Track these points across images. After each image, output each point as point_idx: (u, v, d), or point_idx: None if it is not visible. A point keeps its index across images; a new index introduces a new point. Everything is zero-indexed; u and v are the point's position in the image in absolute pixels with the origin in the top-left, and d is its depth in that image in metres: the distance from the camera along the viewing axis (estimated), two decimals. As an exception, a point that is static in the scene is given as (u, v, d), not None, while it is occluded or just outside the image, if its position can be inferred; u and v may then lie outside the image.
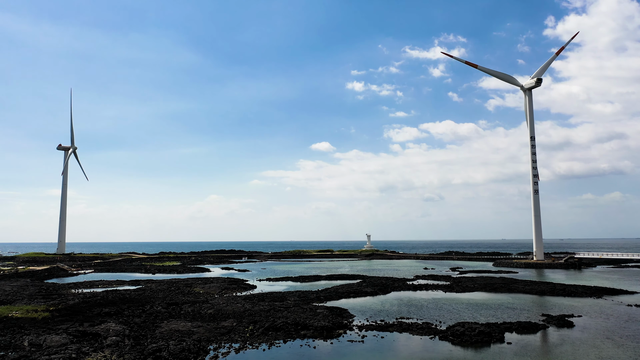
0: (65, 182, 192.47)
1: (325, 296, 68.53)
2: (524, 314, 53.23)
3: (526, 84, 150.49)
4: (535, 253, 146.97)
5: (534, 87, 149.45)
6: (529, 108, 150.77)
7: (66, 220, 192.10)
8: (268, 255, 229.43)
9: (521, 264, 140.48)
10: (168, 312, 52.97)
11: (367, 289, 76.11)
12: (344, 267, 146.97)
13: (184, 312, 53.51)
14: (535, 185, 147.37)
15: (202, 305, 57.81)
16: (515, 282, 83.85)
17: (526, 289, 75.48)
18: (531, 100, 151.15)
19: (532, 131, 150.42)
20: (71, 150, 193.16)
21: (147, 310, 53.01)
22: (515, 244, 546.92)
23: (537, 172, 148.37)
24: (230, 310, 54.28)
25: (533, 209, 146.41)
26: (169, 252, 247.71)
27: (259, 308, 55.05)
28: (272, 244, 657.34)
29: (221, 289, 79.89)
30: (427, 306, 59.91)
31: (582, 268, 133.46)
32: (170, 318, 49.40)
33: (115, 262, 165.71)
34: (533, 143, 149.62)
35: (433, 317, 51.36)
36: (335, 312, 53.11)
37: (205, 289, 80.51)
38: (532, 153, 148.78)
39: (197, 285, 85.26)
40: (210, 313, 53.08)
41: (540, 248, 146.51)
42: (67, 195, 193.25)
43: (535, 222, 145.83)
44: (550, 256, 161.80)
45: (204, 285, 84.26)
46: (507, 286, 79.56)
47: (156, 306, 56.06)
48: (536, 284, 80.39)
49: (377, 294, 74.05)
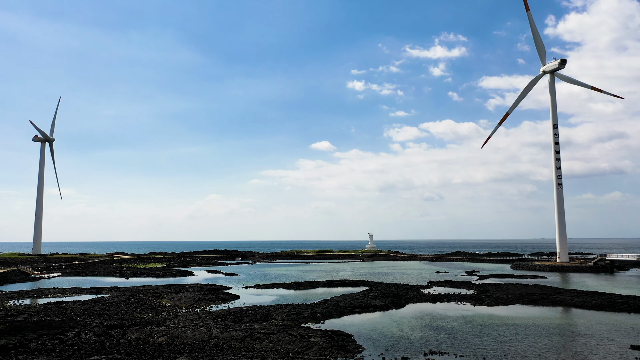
0: (42, 176, 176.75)
1: (323, 312, 52.99)
2: (608, 345, 37.63)
3: (548, 67, 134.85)
4: (559, 254, 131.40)
5: (557, 69, 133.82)
6: (552, 94, 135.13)
7: (42, 218, 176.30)
8: (263, 255, 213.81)
9: (544, 267, 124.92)
10: (100, 342, 37.34)
11: (376, 301, 60.60)
12: (345, 270, 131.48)
13: (123, 341, 37.92)
14: (558, 179, 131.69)
15: (155, 328, 42.29)
16: (558, 292, 68.17)
17: (577, 302, 59.92)
18: (554, 86, 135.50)
19: (554, 119, 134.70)
20: (47, 141, 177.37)
21: (68, 340, 37.36)
22: (518, 244, 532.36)
23: (560, 165, 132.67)
24: (189, 338, 38.76)
25: (556, 206, 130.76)
26: (159, 253, 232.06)
27: (230, 334, 39.49)
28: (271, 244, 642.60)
29: (194, 300, 64.29)
30: (460, 329, 44.36)
31: (614, 271, 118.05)
32: (96, 354, 33.83)
33: (93, 264, 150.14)
34: (556, 132, 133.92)
35: (477, 351, 35.84)
36: (336, 342, 37.60)
37: (174, 301, 64.93)
38: (555, 143, 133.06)
39: (167, 295, 69.75)
40: (161, 343, 37.57)
41: (564, 249, 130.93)
42: (44, 192, 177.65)
43: (559, 220, 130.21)
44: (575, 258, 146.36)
45: (175, 295, 68.72)
46: (549, 297, 64.03)
47: (87, 331, 40.42)
48: (585, 295, 64.80)
49: (388, 307, 58.55)
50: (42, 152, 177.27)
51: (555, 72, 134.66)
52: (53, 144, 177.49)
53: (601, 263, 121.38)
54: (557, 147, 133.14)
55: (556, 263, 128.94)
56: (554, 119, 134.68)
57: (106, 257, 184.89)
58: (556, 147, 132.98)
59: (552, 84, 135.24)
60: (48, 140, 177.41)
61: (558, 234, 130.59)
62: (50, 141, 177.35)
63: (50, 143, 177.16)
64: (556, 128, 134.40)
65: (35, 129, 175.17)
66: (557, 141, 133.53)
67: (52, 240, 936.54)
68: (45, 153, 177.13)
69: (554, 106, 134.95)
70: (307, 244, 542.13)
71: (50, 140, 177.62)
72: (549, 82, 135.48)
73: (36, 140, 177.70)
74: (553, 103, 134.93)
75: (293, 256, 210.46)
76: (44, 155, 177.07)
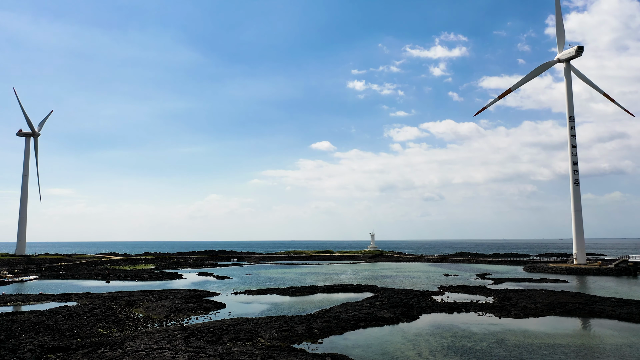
0: (27, 174, 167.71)
1: (321, 328, 43.95)
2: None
3: (564, 54, 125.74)
4: (575, 256, 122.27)
5: (573, 57, 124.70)
6: (567, 83, 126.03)
7: (27, 218, 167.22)
8: (260, 256, 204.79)
9: (561, 270, 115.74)
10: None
11: (384, 313, 51.55)
12: (346, 273, 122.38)
13: (58, 372, 28.92)
14: (575, 174, 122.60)
15: (107, 353, 33.24)
16: (594, 301, 58.94)
17: (621, 314, 50.78)
18: (569, 74, 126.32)
19: (571, 110, 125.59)
20: (33, 136, 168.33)
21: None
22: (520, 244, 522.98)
23: (576, 160, 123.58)
24: (146, 367, 29.75)
25: (573, 204, 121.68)
26: (153, 253, 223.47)
27: (200, 363, 30.48)
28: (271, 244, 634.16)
29: (171, 310, 55.20)
30: (492, 353, 35.29)
31: (637, 274, 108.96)
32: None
33: (78, 265, 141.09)
34: (572, 124, 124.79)
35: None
36: (338, 375, 28.59)
37: (148, 311, 55.86)
38: (572, 136, 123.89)
39: (142, 303, 60.71)
40: (107, 375, 28.56)
41: (582, 250, 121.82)
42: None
43: (576, 219, 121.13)
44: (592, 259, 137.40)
45: (152, 304, 59.67)
46: (585, 307, 54.88)
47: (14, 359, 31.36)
48: (628, 305, 55.63)
49: (399, 320, 49.49)
50: (27, 147, 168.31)
51: (571, 60, 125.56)
52: (38, 139, 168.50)
53: (623, 265, 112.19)
54: (574, 141, 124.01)
55: (573, 265, 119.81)
56: (570, 110, 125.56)
57: (95, 258, 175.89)
58: (572, 140, 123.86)
59: (567, 73, 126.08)
60: (34, 135, 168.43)
61: (575, 234, 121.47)
62: (36, 136, 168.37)
63: (36, 138, 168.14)
64: (572, 120, 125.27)
65: (22, 135, 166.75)
66: (574, 134, 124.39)
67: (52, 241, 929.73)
68: (30, 149, 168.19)
69: (569, 96, 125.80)
70: (307, 244, 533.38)
71: (36, 135, 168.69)
72: (564, 70, 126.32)
73: (20, 135, 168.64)
74: (569, 93, 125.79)
75: (291, 257, 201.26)
76: (28, 151, 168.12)
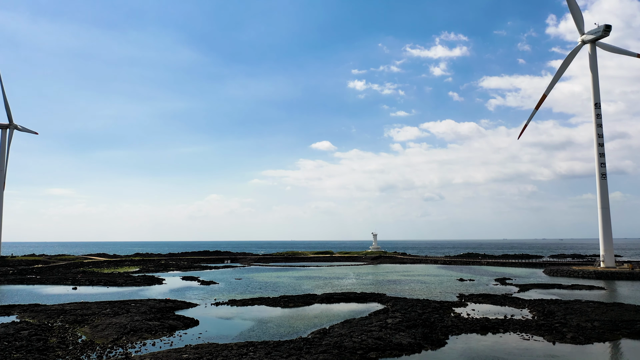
0: (2, 168, 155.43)
1: (318, 362, 31.72)
2: None
3: (588, 35, 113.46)
4: (603, 258, 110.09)
5: (600, 37, 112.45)
6: (592, 67, 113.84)
7: (2, 216, 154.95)
8: (255, 257, 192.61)
9: (588, 273, 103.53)
10: None
11: (401, 336, 39.27)
12: (347, 277, 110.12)
13: None
14: (602, 167, 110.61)
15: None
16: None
17: None
18: (595, 56, 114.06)
19: (596, 97, 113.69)
20: (9, 128, 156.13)
21: None
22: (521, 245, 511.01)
23: (603, 151, 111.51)
24: None
25: (599, 200, 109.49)
26: (143, 254, 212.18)
27: None
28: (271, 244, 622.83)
29: (125, 331, 42.85)
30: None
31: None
32: None
33: (52, 268, 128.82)
34: (598, 112, 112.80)
35: None
36: None
37: (96, 331, 43.51)
38: (598, 125, 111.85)
39: (95, 319, 48.46)
40: None
41: (610, 251, 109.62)
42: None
43: (603, 217, 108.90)
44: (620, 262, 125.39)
45: (106, 320, 47.36)
46: (658, 327, 42.68)
47: None
48: None
49: (421, 347, 37.21)
50: (3, 140, 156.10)
51: (597, 40, 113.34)
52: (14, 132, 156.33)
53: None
54: (600, 130, 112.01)
55: (600, 268, 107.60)
56: (596, 97, 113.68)
57: (77, 259, 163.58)
58: (599, 129, 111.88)
59: (593, 56, 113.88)
60: (10, 127, 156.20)
61: (602, 233, 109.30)
62: (12, 128, 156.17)
63: (12, 130, 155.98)
64: (598, 107, 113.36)
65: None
66: (600, 123, 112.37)
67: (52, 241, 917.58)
68: (5, 141, 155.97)
69: (595, 81, 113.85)
70: (307, 244, 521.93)
71: (13, 127, 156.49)
72: (590, 54, 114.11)
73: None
74: (594, 78, 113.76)
75: (289, 258, 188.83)
76: (4, 144, 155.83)
